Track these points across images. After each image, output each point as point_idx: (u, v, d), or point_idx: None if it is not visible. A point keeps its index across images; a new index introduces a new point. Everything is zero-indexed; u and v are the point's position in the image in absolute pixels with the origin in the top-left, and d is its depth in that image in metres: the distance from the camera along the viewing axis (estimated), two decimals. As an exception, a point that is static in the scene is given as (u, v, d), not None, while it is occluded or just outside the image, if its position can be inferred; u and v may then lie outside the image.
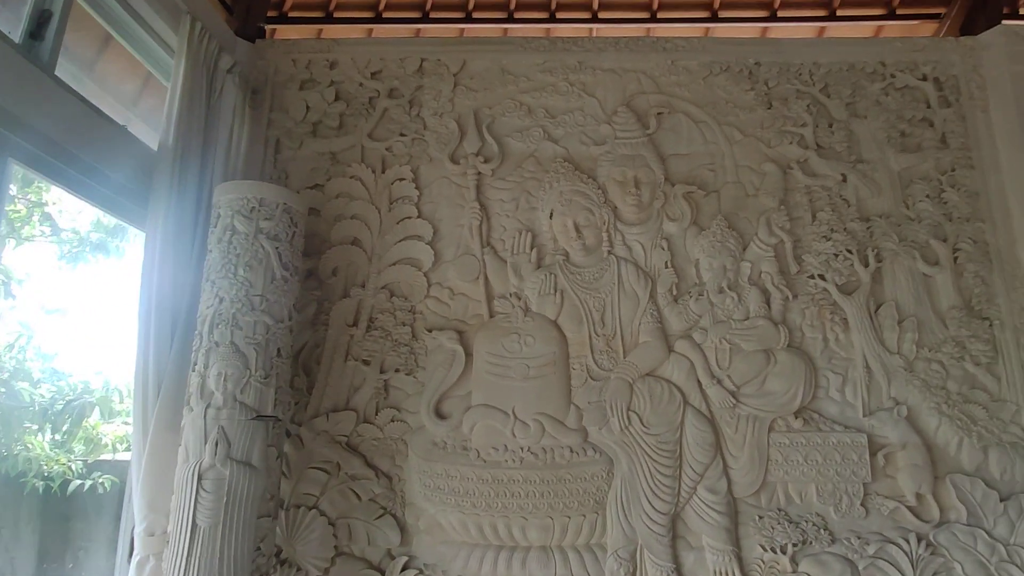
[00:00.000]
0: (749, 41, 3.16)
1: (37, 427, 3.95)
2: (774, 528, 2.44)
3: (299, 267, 2.44)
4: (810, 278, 2.70)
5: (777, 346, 2.61)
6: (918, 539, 2.41)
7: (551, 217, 2.80)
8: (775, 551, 2.41)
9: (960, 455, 2.51)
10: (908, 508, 2.45)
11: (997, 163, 2.81)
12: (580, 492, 2.47)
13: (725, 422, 2.54)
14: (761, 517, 2.45)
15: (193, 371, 2.18)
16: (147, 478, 2.22)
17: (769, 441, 2.51)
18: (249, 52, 3.00)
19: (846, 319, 2.64)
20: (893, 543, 2.41)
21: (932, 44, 3.02)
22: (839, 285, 2.68)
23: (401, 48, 3.08)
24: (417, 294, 2.74)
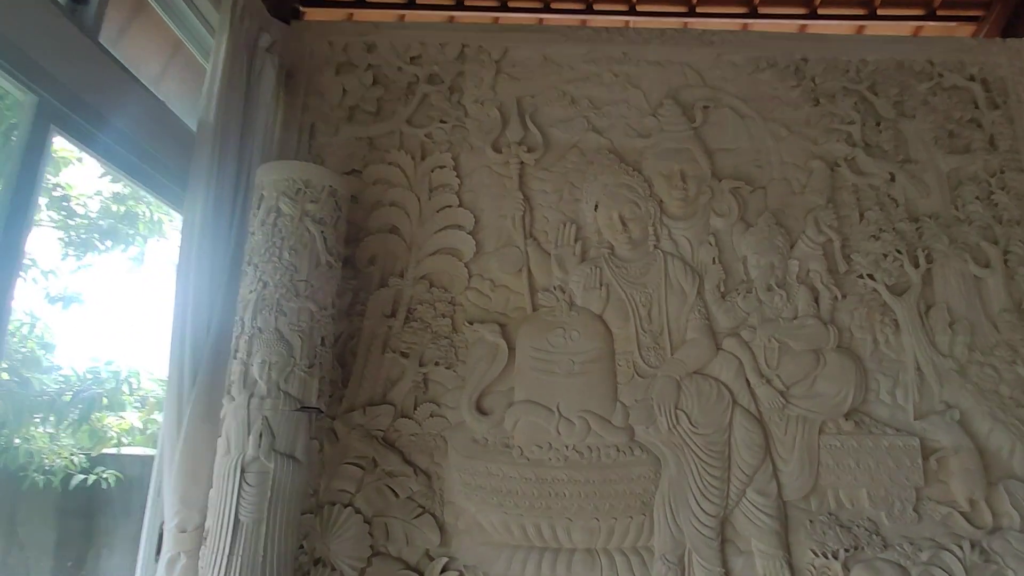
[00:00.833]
0: (796, 36, 3.11)
1: (39, 418, 3.81)
2: (825, 533, 2.37)
3: (342, 253, 2.35)
4: (859, 278, 2.64)
5: (827, 346, 2.55)
6: (971, 545, 2.35)
7: (596, 209, 2.72)
8: (827, 556, 2.34)
9: (1012, 460, 2.46)
10: (961, 514, 2.39)
11: (1047, 166, 2.78)
12: (627, 493, 2.39)
13: (774, 423, 2.48)
14: (812, 522, 2.38)
15: (235, 359, 2.08)
16: (181, 471, 2.10)
17: (819, 444, 2.45)
18: (284, 33, 2.90)
19: (896, 320, 2.59)
20: (946, 549, 2.35)
21: (980, 45, 2.99)
22: (889, 286, 2.63)
23: (441, 33, 2.99)
24: (458, 285, 2.65)
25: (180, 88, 2.52)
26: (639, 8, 3.42)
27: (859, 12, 3.39)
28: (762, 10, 3.39)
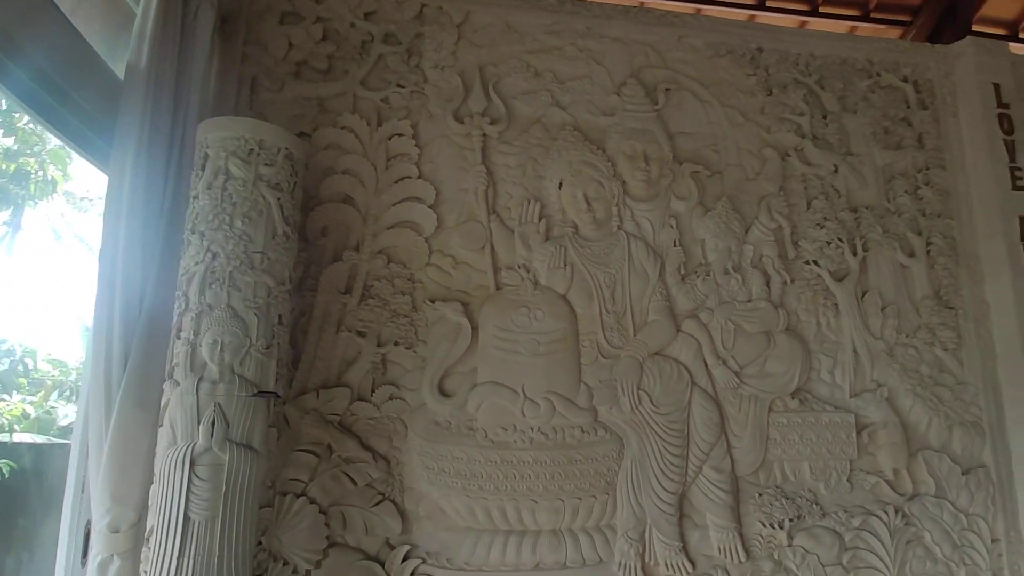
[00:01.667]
0: (752, 26, 3.18)
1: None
2: (772, 505, 2.50)
3: (299, 223, 2.14)
4: (806, 264, 2.78)
5: (777, 328, 2.67)
6: (895, 511, 2.58)
7: (560, 188, 2.67)
8: (773, 527, 2.48)
9: (929, 433, 2.71)
10: (887, 482, 2.62)
11: (964, 165, 3.03)
12: (591, 473, 2.40)
13: (729, 402, 2.57)
14: (760, 494, 2.51)
15: (177, 339, 1.85)
16: (111, 465, 1.85)
17: (769, 421, 2.58)
18: (219, -28, 2.58)
19: (837, 304, 2.76)
20: (874, 515, 2.56)
21: (912, 48, 3.20)
22: (831, 272, 2.78)
23: (399, -12, 2.78)
24: (417, 261, 2.51)
25: (103, 28, 2.16)
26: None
27: (803, 8, 3.53)
28: (715, -4, 3.45)
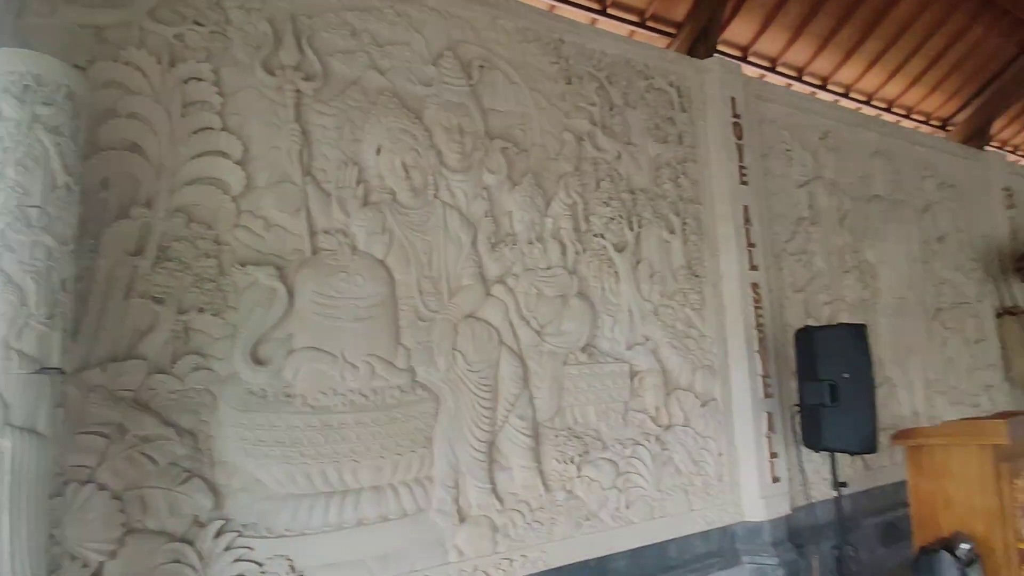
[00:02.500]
0: (556, 17, 3.43)
1: None
2: (565, 444, 2.91)
3: (83, 173, 1.84)
4: (594, 236, 3.20)
5: (571, 293, 3.06)
6: (656, 439, 3.18)
7: (378, 153, 2.67)
8: (565, 463, 2.89)
9: (680, 376, 3.37)
10: (651, 418, 3.20)
11: (709, 161, 3.74)
12: (411, 430, 2.53)
13: (531, 358, 2.89)
14: (556, 436, 2.89)
15: (-78, 307, 1.50)
16: None
17: (564, 373, 2.96)
18: None
19: (617, 272, 3.24)
20: (640, 444, 3.13)
21: (677, 58, 3.80)
22: (614, 244, 3.25)
23: (195, -89, 2.46)
24: (223, 222, 2.33)
25: None
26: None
27: (595, 6, 3.94)
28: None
